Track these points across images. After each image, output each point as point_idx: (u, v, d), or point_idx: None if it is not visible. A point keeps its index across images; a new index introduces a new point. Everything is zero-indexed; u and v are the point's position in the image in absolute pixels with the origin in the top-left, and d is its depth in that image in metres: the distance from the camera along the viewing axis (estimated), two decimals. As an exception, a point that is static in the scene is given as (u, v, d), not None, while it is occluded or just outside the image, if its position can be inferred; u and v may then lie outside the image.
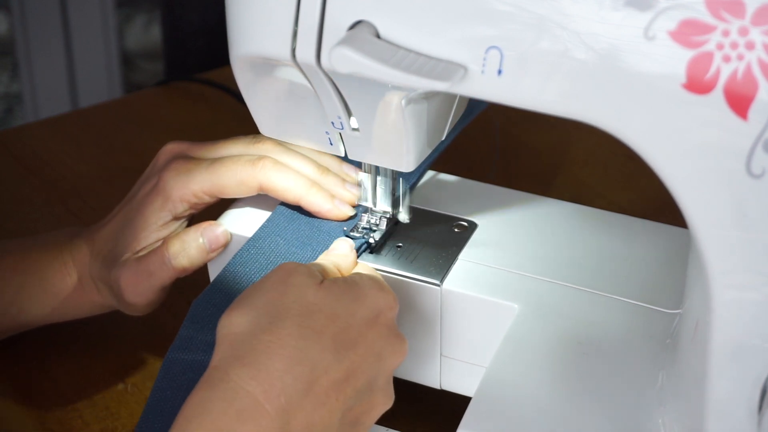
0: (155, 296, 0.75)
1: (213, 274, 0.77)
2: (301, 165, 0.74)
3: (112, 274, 0.74)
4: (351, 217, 0.75)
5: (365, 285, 0.64)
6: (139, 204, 0.74)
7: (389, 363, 0.64)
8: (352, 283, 0.64)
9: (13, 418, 0.79)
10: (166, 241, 0.74)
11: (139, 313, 0.77)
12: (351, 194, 0.75)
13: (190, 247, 0.73)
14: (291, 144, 0.74)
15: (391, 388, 0.65)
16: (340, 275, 0.68)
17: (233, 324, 0.61)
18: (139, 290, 0.74)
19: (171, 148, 0.76)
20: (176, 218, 0.74)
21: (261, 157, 0.73)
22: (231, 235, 0.75)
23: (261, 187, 0.73)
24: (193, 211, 0.75)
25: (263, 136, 0.73)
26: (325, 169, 0.75)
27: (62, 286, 0.77)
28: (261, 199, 0.77)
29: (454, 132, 0.78)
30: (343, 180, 0.75)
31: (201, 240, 0.73)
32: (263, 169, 0.72)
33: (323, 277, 0.65)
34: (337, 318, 0.61)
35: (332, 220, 0.74)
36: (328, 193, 0.74)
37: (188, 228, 0.74)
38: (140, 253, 0.74)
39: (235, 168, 0.72)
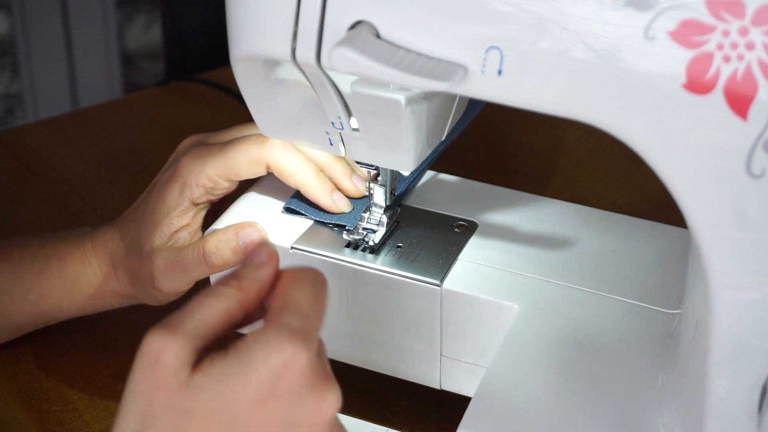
0: (185, 287, 0.75)
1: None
2: (311, 152, 0.75)
3: (143, 260, 0.75)
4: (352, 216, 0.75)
5: (253, 354, 0.53)
6: (159, 191, 0.75)
7: (312, 420, 0.54)
8: (234, 358, 0.53)
9: (13, 418, 0.79)
10: (204, 238, 0.74)
11: (161, 302, 0.77)
12: (355, 188, 0.75)
13: (226, 249, 0.73)
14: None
15: None
16: (256, 303, 0.56)
17: None
18: (171, 279, 0.74)
19: (190, 140, 0.78)
20: (195, 204, 0.75)
21: None
22: (268, 239, 0.73)
23: (269, 166, 0.73)
24: (211, 197, 0.75)
25: None
26: (337, 156, 0.75)
27: (81, 273, 0.78)
28: (261, 201, 0.77)
29: (455, 133, 0.78)
30: (352, 171, 0.76)
31: (236, 242, 0.73)
32: (272, 148, 0.73)
33: (198, 352, 0.53)
34: (213, 417, 0.52)
35: (329, 213, 0.75)
36: (330, 187, 0.75)
37: (227, 227, 0.73)
38: (170, 242, 0.75)
39: (245, 147, 0.73)
